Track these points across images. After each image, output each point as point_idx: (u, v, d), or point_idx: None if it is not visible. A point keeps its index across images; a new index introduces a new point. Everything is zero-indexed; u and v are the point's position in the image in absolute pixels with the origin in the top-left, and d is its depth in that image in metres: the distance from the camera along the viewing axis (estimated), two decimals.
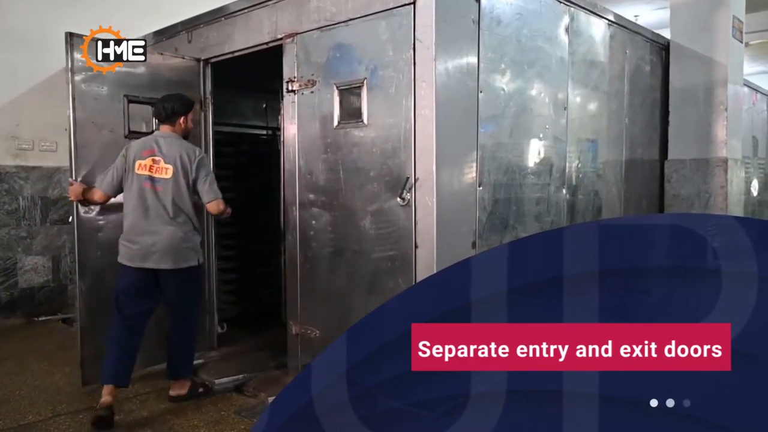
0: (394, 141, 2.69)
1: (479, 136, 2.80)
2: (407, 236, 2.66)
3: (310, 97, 3.07)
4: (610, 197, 3.95)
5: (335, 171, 2.96)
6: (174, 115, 2.97)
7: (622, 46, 4.03)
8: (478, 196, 2.82)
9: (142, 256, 2.85)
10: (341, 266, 2.98)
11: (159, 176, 2.87)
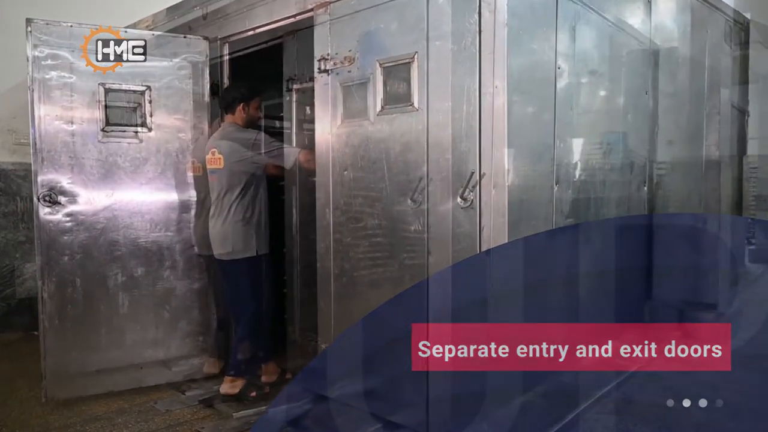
0: (454, 129, 2.26)
1: (556, 125, 2.40)
2: (470, 244, 2.24)
3: (348, 76, 2.62)
4: (691, 198, 3.60)
5: (377, 166, 2.52)
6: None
7: (620, 48, 3.73)
8: (555, 197, 2.43)
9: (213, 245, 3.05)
10: (384, 280, 2.54)
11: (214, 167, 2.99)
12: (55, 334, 2.89)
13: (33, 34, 2.79)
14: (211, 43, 3.29)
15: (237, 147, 2.90)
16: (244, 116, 3.03)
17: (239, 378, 2.96)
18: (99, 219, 3.00)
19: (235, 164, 2.89)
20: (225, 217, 2.91)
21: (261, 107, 3.18)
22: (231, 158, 2.89)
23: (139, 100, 3.09)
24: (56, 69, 2.86)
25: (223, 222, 2.92)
